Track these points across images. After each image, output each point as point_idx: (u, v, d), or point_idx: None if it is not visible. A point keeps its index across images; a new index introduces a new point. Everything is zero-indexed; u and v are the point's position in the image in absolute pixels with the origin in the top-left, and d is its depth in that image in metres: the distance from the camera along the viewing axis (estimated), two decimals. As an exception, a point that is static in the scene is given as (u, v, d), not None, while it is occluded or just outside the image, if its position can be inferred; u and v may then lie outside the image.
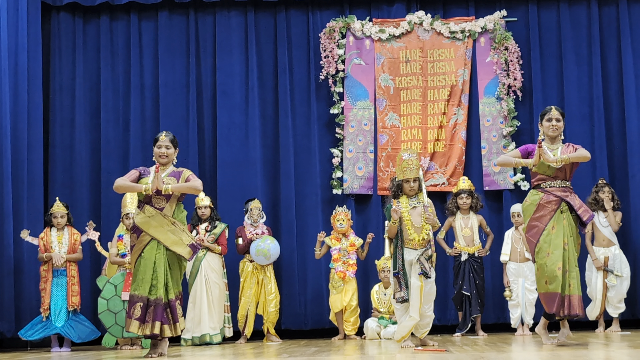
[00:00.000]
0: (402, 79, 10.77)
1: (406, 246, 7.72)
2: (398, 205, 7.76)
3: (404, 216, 7.73)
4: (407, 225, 7.71)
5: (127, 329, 7.30)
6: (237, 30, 10.79)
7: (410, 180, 7.79)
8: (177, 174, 7.57)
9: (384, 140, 10.69)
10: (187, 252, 7.44)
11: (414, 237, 7.70)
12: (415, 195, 7.84)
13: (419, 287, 7.63)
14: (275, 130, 10.72)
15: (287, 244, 10.33)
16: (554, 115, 7.58)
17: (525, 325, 9.70)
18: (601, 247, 9.78)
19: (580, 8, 10.82)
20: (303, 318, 10.39)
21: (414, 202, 7.81)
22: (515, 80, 10.60)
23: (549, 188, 7.46)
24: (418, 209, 7.76)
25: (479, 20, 10.76)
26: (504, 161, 7.74)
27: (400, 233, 7.73)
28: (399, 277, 7.70)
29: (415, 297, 7.63)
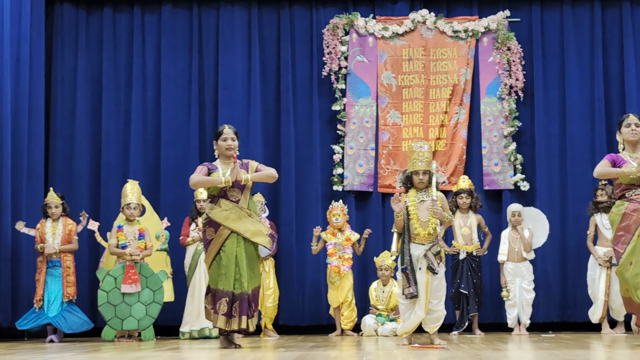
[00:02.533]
0: (404, 77, 10.79)
1: (413, 241, 7.60)
2: (399, 196, 7.65)
3: (411, 210, 7.58)
4: (413, 220, 7.56)
5: (215, 324, 7.47)
6: (240, 25, 10.80)
7: (420, 172, 7.61)
8: (245, 165, 7.66)
9: (385, 137, 10.70)
10: (268, 241, 7.56)
11: (420, 232, 7.54)
12: (425, 188, 7.65)
13: (425, 283, 7.51)
14: (276, 126, 10.73)
15: (286, 239, 10.35)
16: (632, 120, 7.42)
17: (522, 325, 9.71)
18: (604, 247, 9.73)
19: (584, 9, 10.83)
20: (301, 314, 10.40)
21: (423, 195, 7.64)
22: (517, 81, 10.61)
23: (634, 196, 7.28)
24: (426, 203, 7.58)
25: (482, 20, 10.77)
26: (604, 172, 7.47)
27: (408, 228, 7.60)
28: (407, 272, 7.56)
29: (422, 294, 7.52)
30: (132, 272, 9.08)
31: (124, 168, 10.54)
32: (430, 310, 7.60)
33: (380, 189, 10.62)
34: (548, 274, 10.35)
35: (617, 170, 7.31)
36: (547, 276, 10.34)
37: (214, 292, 7.44)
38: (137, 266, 9.12)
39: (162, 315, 9.64)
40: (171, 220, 9.86)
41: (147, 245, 9.30)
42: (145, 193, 10.08)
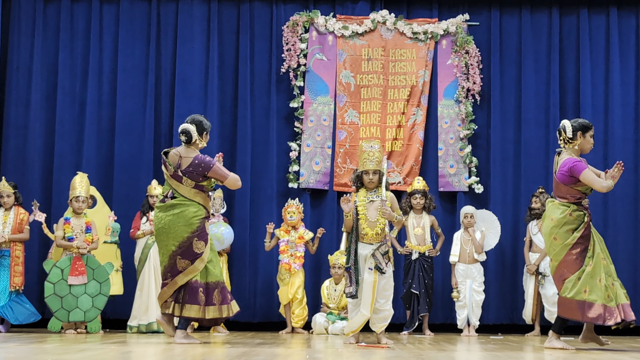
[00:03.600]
0: (363, 76, 10.81)
1: (361, 241, 7.64)
2: (348, 196, 7.69)
3: (360, 210, 7.62)
4: (362, 219, 7.60)
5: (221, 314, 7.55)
6: (199, 18, 10.75)
7: (370, 172, 7.66)
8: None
9: (342, 136, 10.72)
10: None
11: (368, 232, 7.59)
12: (375, 188, 7.70)
13: (372, 283, 7.54)
14: (233, 121, 10.70)
15: (239, 235, 10.32)
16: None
17: (471, 326, 9.79)
18: (535, 252, 9.97)
19: (542, 15, 10.91)
20: (252, 310, 10.38)
21: (373, 195, 7.69)
22: (474, 84, 10.67)
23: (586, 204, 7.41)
24: (375, 203, 7.63)
25: (441, 23, 10.81)
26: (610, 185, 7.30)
27: (356, 227, 7.63)
28: (350, 272, 7.63)
29: (367, 293, 7.56)
30: (78, 264, 9.02)
31: (77, 159, 10.46)
32: (377, 310, 7.65)
33: (336, 188, 10.64)
34: (499, 276, 10.41)
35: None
36: (498, 278, 10.40)
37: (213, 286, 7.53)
38: (83, 258, 9.07)
39: (111, 309, 9.60)
40: (124, 213, 9.81)
41: (93, 239, 9.24)
42: (98, 184, 10.04)
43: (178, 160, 7.49)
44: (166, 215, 7.45)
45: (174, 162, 7.49)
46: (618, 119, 10.68)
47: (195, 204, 7.49)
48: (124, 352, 6.36)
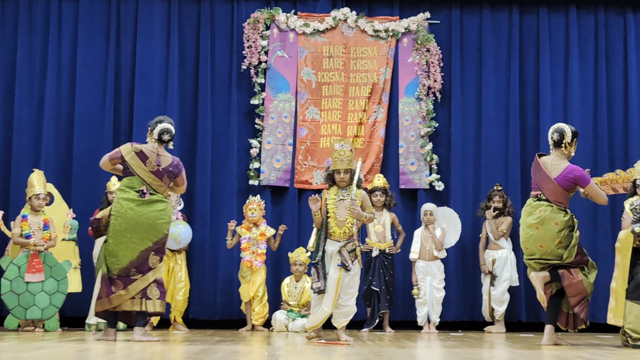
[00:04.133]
0: (324, 73, 10.80)
1: (329, 238, 7.72)
2: (317, 196, 7.78)
3: (329, 208, 7.70)
4: (331, 218, 7.69)
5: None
6: (159, 15, 10.67)
7: (342, 171, 7.74)
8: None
9: (303, 133, 10.71)
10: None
11: (335, 231, 7.68)
12: (347, 187, 7.77)
13: (336, 280, 7.61)
14: (193, 117, 10.63)
15: (199, 232, 10.27)
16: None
17: (431, 323, 9.82)
18: (491, 249, 10.09)
19: (502, 14, 10.97)
20: (212, 308, 10.33)
21: (343, 194, 7.76)
22: (435, 82, 10.71)
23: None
24: (345, 202, 7.70)
25: (402, 21, 10.84)
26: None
27: (325, 225, 7.72)
28: (317, 267, 7.69)
29: (331, 289, 7.62)
30: (36, 261, 8.93)
31: (36, 155, 10.34)
32: (339, 305, 7.71)
33: (297, 185, 10.62)
34: (459, 273, 10.46)
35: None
36: (458, 275, 10.45)
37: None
38: (41, 255, 8.97)
39: (69, 306, 9.51)
40: (82, 210, 9.73)
41: (51, 236, 9.15)
42: (56, 181, 9.96)
43: (157, 158, 7.53)
44: (149, 210, 7.45)
45: (153, 159, 7.50)
46: (577, 117, 10.75)
47: (169, 203, 7.62)
48: (81, 350, 6.30)
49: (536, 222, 7.55)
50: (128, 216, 7.42)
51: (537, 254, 7.58)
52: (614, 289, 7.56)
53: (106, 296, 7.37)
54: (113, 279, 7.40)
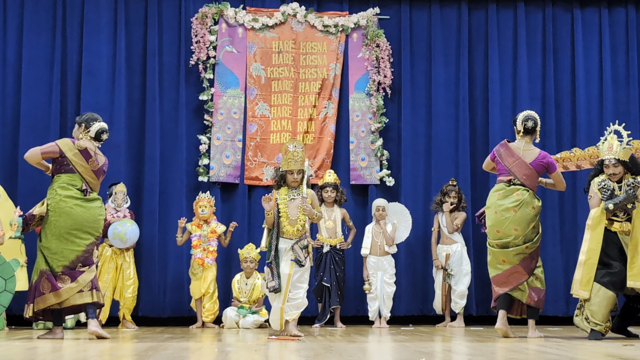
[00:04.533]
0: (274, 69, 10.76)
1: (282, 236, 7.91)
2: (269, 196, 7.90)
3: (281, 208, 7.89)
4: (283, 217, 7.87)
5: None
6: (106, 10, 10.52)
7: (295, 171, 7.92)
8: None
9: (253, 129, 10.65)
10: None
11: (288, 229, 7.88)
12: (297, 187, 7.97)
13: (287, 275, 7.82)
14: (141, 113, 10.51)
15: (148, 229, 10.17)
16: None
17: (382, 318, 9.83)
18: (444, 244, 10.12)
19: (451, 10, 11.01)
20: (162, 305, 10.23)
21: (294, 193, 7.97)
22: (385, 78, 10.71)
23: None
24: (296, 201, 7.92)
25: (352, 16, 10.83)
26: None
27: (277, 224, 7.89)
28: (271, 267, 7.84)
29: (282, 285, 7.83)
30: (-18, 260, 8.78)
31: (-20, 153, 10.19)
32: (289, 298, 7.86)
33: (247, 181, 10.57)
34: (410, 267, 10.48)
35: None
36: (409, 270, 10.47)
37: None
38: (-13, 254, 8.83)
39: (16, 305, 9.35)
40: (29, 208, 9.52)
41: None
42: (2, 179, 9.82)
43: (95, 157, 7.51)
44: (91, 207, 7.52)
45: (95, 158, 7.54)
46: (526, 113, 10.82)
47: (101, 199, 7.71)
48: (29, 348, 6.21)
49: (514, 206, 7.73)
50: (74, 213, 7.39)
51: (510, 237, 7.73)
52: (581, 261, 7.66)
53: (50, 291, 7.27)
54: (57, 275, 7.31)
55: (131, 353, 5.79)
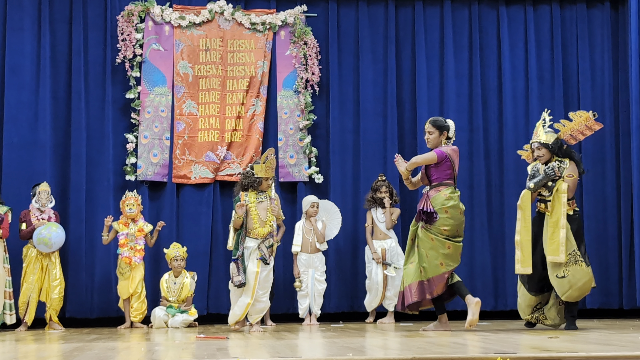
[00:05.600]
0: (201, 67, 10.70)
1: (249, 236, 8.37)
2: (246, 200, 8.39)
3: (252, 210, 8.36)
4: (254, 219, 8.36)
5: None
6: (29, 7, 10.34)
7: (270, 177, 8.45)
8: None
9: (180, 127, 10.57)
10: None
11: (259, 231, 8.35)
12: (265, 190, 8.50)
13: (255, 273, 8.26)
14: (67, 112, 10.36)
15: (75, 230, 10.04)
16: (426, 127, 8.34)
17: (313, 315, 9.84)
18: (379, 240, 10.09)
19: (378, 7, 11.06)
20: (89, 306, 10.11)
21: (261, 196, 8.48)
22: (313, 75, 10.73)
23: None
24: (264, 203, 8.45)
25: (279, 14, 10.82)
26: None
27: (246, 224, 8.35)
28: (237, 263, 8.29)
29: (251, 281, 8.24)
30: None
31: None
32: (255, 301, 8.30)
33: (175, 180, 10.49)
34: (339, 264, 10.50)
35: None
36: (339, 267, 10.49)
37: None
38: None
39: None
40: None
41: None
42: None
43: None
44: None
45: None
46: (453, 109, 10.93)
47: None
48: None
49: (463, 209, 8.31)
50: None
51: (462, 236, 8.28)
52: (518, 241, 8.24)
53: None
54: None
55: (57, 354, 5.72)
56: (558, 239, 7.99)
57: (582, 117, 8.41)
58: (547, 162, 8.28)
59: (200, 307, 10.00)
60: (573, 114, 8.54)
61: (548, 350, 5.33)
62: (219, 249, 10.42)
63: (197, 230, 10.41)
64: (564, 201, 8.06)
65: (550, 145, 8.24)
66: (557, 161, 8.25)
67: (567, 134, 8.47)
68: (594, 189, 11.00)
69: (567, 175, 8.15)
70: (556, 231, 8.03)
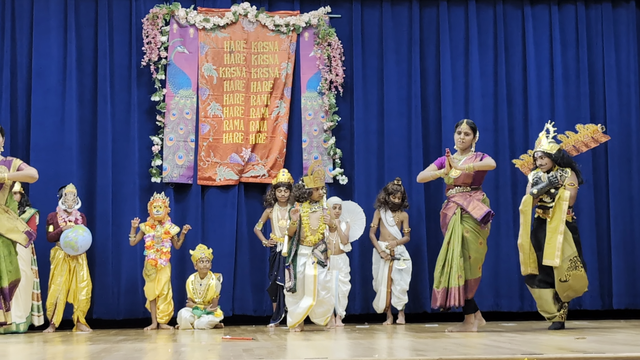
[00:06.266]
0: (225, 69, 10.74)
1: (301, 244, 8.65)
2: (297, 208, 8.69)
3: (304, 220, 8.63)
4: (305, 228, 8.63)
5: None
6: (55, 11, 10.43)
7: (320, 188, 8.75)
8: (8, 162, 7.67)
9: (205, 129, 10.62)
10: (23, 238, 7.68)
11: (311, 238, 8.61)
12: (318, 200, 8.76)
13: (313, 276, 8.49)
14: (93, 115, 10.44)
15: (101, 232, 10.11)
16: (462, 129, 8.32)
17: (337, 316, 9.82)
18: (385, 241, 10.17)
19: (402, 8, 11.06)
20: (116, 307, 10.18)
21: (315, 206, 8.73)
22: (337, 76, 10.74)
23: (450, 195, 8.24)
24: (317, 213, 8.71)
25: (303, 15, 10.84)
26: (422, 176, 8.51)
27: (298, 232, 8.62)
28: (289, 269, 8.61)
29: (310, 285, 8.48)
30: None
31: None
32: (320, 302, 8.55)
33: (200, 182, 10.54)
34: (363, 266, 10.50)
35: (433, 172, 8.30)
36: (363, 268, 10.49)
37: None
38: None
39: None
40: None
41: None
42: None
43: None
44: None
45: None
46: (478, 109, 10.92)
47: None
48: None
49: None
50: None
51: None
52: (520, 244, 8.50)
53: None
54: None
55: (84, 355, 5.75)
56: (555, 244, 8.30)
57: (590, 129, 8.82)
58: (548, 171, 8.58)
59: (226, 309, 10.03)
60: (580, 126, 8.89)
61: (575, 351, 5.31)
62: (243, 251, 10.46)
63: (222, 231, 10.45)
64: (564, 208, 8.37)
65: (553, 155, 8.53)
66: (559, 170, 8.58)
67: (569, 145, 8.86)
68: (619, 188, 10.95)
69: (568, 184, 8.48)
70: (554, 236, 8.34)
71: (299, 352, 5.70)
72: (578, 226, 8.80)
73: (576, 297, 8.99)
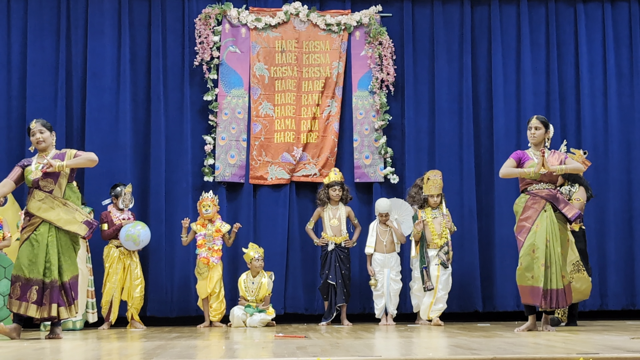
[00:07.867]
0: (277, 68, 10.79)
1: (428, 247, 9.54)
2: (422, 217, 9.56)
3: (429, 225, 9.53)
4: (432, 233, 9.52)
5: (25, 312, 7.44)
6: (109, 12, 10.56)
7: (435, 195, 9.54)
8: (62, 155, 7.77)
9: (257, 129, 10.68)
10: (83, 229, 7.67)
11: (437, 242, 9.49)
12: (437, 207, 9.60)
13: (436, 277, 9.43)
14: (146, 115, 10.56)
15: (155, 230, 10.20)
16: (532, 124, 8.28)
17: (389, 315, 9.83)
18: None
19: (454, 6, 11.03)
20: (169, 305, 10.28)
21: (436, 212, 9.60)
22: (388, 75, 10.74)
23: (535, 190, 8.12)
24: (438, 219, 9.57)
25: (354, 14, 10.85)
26: (508, 173, 8.29)
27: (424, 236, 9.55)
28: (426, 271, 9.48)
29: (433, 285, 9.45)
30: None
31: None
32: (438, 299, 9.46)
33: (252, 180, 10.60)
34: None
35: (519, 170, 8.16)
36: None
37: (25, 280, 7.48)
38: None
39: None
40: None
41: (5, 236, 9.03)
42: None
43: None
44: None
45: None
46: (530, 107, 10.85)
47: None
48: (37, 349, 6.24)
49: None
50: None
51: None
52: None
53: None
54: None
55: (139, 352, 5.82)
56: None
57: (576, 154, 9.24)
58: (560, 186, 8.86)
59: (278, 307, 10.08)
60: (573, 150, 9.33)
61: (631, 351, 5.28)
62: (295, 249, 10.51)
63: (273, 230, 10.51)
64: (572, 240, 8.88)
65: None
66: (569, 185, 9.12)
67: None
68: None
69: (575, 199, 8.95)
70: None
71: (353, 349, 5.71)
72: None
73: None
